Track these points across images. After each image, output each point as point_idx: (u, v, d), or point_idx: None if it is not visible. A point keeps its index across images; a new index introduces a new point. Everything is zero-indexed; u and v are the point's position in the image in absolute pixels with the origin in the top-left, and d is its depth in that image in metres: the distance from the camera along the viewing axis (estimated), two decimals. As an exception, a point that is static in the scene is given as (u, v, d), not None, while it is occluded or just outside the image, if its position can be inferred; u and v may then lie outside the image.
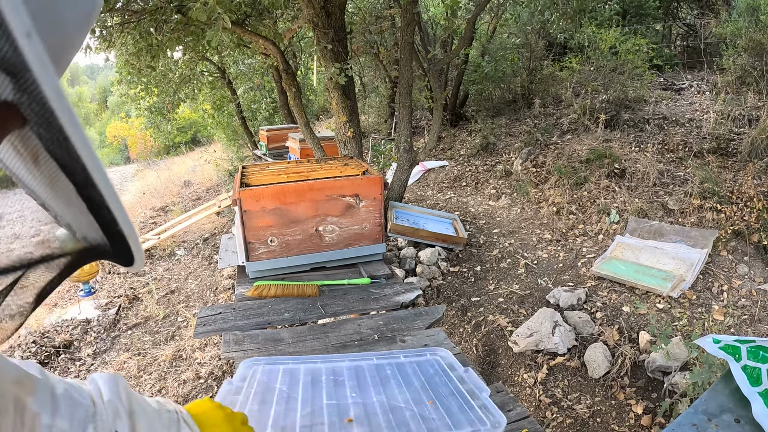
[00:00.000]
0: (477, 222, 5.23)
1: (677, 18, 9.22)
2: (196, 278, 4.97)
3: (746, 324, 3.03)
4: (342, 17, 4.51)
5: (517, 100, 8.17)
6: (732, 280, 3.42)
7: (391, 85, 9.23)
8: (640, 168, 4.86)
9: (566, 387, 2.79)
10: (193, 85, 8.68)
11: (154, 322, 4.10)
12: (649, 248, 3.80)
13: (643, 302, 3.31)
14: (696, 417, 1.16)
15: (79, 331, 4.16)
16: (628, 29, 7.37)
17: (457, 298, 3.82)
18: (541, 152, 6.00)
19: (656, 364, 2.68)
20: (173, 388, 3.15)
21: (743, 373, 1.18)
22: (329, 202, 2.43)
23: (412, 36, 4.33)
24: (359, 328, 2.03)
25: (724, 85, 6.03)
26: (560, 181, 5.18)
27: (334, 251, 2.53)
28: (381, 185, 2.49)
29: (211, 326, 2.10)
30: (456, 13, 5.62)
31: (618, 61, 6.11)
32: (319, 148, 5.23)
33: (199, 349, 3.54)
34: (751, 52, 5.69)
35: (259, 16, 4.82)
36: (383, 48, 7.92)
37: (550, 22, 7.30)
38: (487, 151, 7.08)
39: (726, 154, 4.82)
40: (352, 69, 4.48)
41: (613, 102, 6.24)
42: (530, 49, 7.84)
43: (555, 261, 4.12)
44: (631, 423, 2.50)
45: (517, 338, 3.12)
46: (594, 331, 3.13)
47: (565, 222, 4.65)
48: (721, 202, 3.99)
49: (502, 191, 5.88)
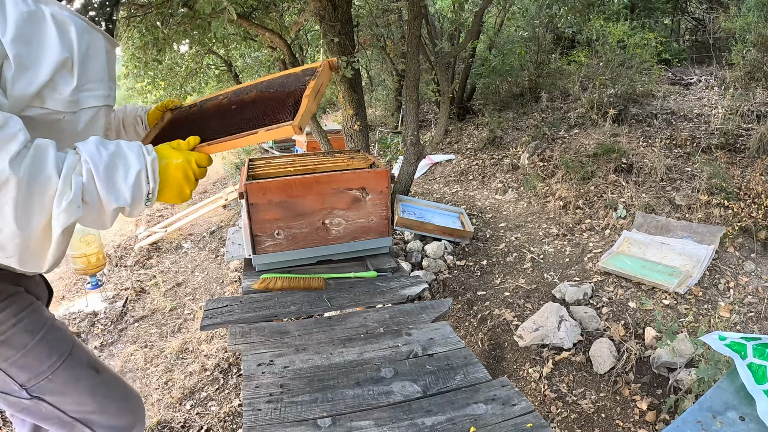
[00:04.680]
0: (483, 216, 5.23)
1: (686, 12, 9.14)
2: (202, 271, 4.99)
3: (752, 321, 3.02)
4: (349, 10, 4.50)
5: (525, 93, 8.13)
6: (739, 277, 3.40)
7: (398, 78, 9.20)
8: (647, 163, 4.83)
9: (571, 382, 2.79)
10: (200, 79, 8.67)
11: (160, 315, 4.13)
12: (656, 244, 3.79)
13: (650, 298, 3.30)
14: (701, 414, 1.16)
15: (86, 324, 4.19)
16: (637, 23, 7.31)
17: (463, 292, 3.83)
18: (549, 146, 5.97)
19: (662, 360, 2.67)
20: (180, 380, 3.17)
21: (749, 370, 1.18)
22: (336, 195, 2.44)
23: (419, 29, 4.31)
24: (365, 321, 2.04)
25: (733, 81, 5.98)
26: (567, 175, 5.17)
27: (341, 244, 2.53)
28: (388, 178, 2.49)
29: (217, 319, 2.11)
30: (463, 6, 5.59)
31: (626, 56, 6.07)
32: (325, 141, 5.23)
33: (205, 342, 3.56)
34: (761, 48, 5.64)
35: (265, 9, 4.81)
36: (390, 41, 7.89)
37: (558, 16, 7.26)
38: (494, 144, 7.06)
39: (734, 149, 4.79)
40: (359, 62, 4.47)
41: (621, 96, 6.20)
42: (538, 43, 7.80)
43: (561, 255, 4.12)
44: (636, 419, 2.50)
45: (523, 332, 3.13)
46: (600, 326, 3.13)
47: (572, 216, 4.64)
48: (728, 198, 3.97)
49: (508, 185, 5.86)
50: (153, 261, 5.37)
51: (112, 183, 1.04)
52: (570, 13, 7.41)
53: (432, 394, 1.59)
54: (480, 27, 6.80)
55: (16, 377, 1.21)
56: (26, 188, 0.91)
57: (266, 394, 1.59)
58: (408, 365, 1.73)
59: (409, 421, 1.45)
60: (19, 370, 1.21)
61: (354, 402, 1.55)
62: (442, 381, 1.65)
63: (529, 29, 8.08)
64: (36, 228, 0.95)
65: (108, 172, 1.03)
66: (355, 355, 1.80)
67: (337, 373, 1.70)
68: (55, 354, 1.26)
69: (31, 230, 0.95)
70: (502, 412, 1.48)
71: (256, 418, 1.48)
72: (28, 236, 0.95)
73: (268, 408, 1.52)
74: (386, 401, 1.55)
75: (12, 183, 0.89)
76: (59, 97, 1.07)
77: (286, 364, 1.75)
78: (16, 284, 1.24)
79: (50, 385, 1.26)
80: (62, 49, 1.05)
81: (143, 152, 1.11)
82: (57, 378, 1.27)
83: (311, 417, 1.48)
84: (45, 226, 0.97)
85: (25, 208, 0.92)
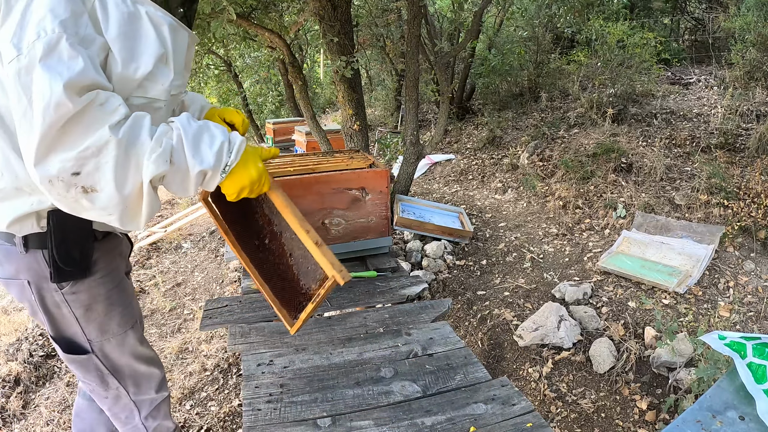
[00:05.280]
0: (483, 215, 5.23)
1: (685, 12, 9.14)
2: (202, 271, 4.99)
3: (752, 321, 3.02)
4: (348, 10, 4.49)
5: (524, 93, 8.13)
6: (738, 277, 3.40)
7: (398, 78, 9.20)
8: (647, 162, 4.83)
9: (571, 381, 2.80)
10: (200, 78, 8.67)
11: (160, 315, 4.12)
12: (656, 243, 3.79)
13: (649, 297, 3.30)
14: (700, 413, 1.16)
15: (86, 323, 4.19)
16: (636, 23, 7.31)
17: (463, 292, 3.83)
18: (548, 146, 5.98)
19: (661, 359, 2.67)
20: (179, 380, 3.17)
21: (748, 370, 1.18)
22: (335, 195, 2.44)
23: (418, 29, 4.31)
24: (365, 321, 2.04)
25: (733, 80, 5.98)
26: (567, 175, 5.17)
27: (341, 244, 2.54)
28: (387, 178, 2.49)
29: (217, 319, 2.12)
30: (463, 6, 5.59)
31: (625, 55, 6.07)
32: (325, 141, 5.23)
33: (205, 342, 3.56)
34: (760, 47, 5.63)
35: (264, 9, 4.81)
36: (390, 41, 7.89)
37: (557, 16, 7.26)
38: (494, 144, 7.06)
39: (734, 149, 4.79)
40: (359, 62, 4.47)
41: (620, 96, 6.21)
42: (537, 43, 7.80)
43: (561, 255, 4.12)
44: (636, 418, 2.50)
45: (523, 332, 3.13)
46: (599, 325, 3.13)
47: (572, 216, 4.64)
48: (728, 198, 3.97)
49: (508, 185, 5.86)
50: (152, 261, 5.37)
51: (198, 148, 1.19)
52: (569, 13, 7.41)
53: (432, 393, 1.59)
54: (479, 27, 6.79)
55: (88, 333, 1.49)
56: (124, 149, 1.08)
57: (266, 394, 1.59)
58: (408, 365, 1.74)
59: (409, 421, 1.45)
60: (93, 329, 1.49)
61: (354, 402, 1.55)
62: (442, 381, 1.65)
63: (529, 29, 8.08)
64: (132, 187, 1.12)
65: (195, 139, 1.19)
66: (355, 355, 1.80)
67: (336, 373, 1.70)
68: (125, 325, 1.55)
69: (127, 189, 1.12)
70: (502, 412, 1.48)
71: (256, 418, 1.48)
72: (126, 195, 1.12)
73: (268, 408, 1.52)
74: (386, 401, 1.55)
75: (112, 144, 1.06)
76: (160, 87, 1.25)
77: (285, 364, 1.75)
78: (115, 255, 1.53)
79: (107, 346, 1.54)
80: (159, 44, 1.22)
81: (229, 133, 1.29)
82: (114, 342, 1.54)
83: (311, 417, 1.48)
84: (139, 186, 1.13)
85: (123, 167, 1.09)
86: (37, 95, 1.02)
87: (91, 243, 1.40)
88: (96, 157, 1.06)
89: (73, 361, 1.54)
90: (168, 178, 1.18)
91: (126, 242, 1.68)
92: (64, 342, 1.50)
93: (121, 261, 1.60)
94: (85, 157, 1.05)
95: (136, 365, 1.63)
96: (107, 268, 1.48)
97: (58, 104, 1.01)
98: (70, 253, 1.35)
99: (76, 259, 1.37)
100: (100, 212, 1.15)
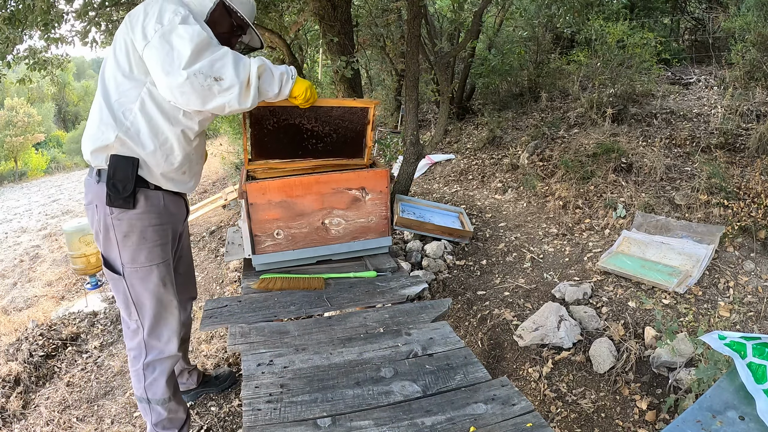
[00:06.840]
0: (483, 215, 5.23)
1: (685, 12, 9.14)
2: (202, 271, 4.99)
3: (752, 321, 3.02)
4: (348, 10, 4.50)
5: (524, 93, 8.13)
6: (738, 277, 3.40)
7: (398, 78, 9.20)
8: (647, 162, 4.83)
9: (571, 381, 2.79)
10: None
11: (160, 314, 4.12)
12: (656, 243, 3.79)
13: (649, 297, 3.30)
14: (700, 413, 1.16)
15: (86, 324, 4.19)
16: (636, 23, 7.31)
17: (463, 292, 3.83)
18: (548, 146, 5.97)
19: (661, 359, 2.67)
20: (180, 379, 3.17)
21: (748, 370, 1.18)
22: (335, 195, 2.44)
23: (418, 29, 4.31)
24: (365, 321, 2.04)
25: (733, 80, 5.98)
26: (567, 175, 5.16)
27: (340, 244, 2.54)
28: (387, 178, 2.49)
29: (217, 318, 2.12)
30: (463, 6, 5.59)
31: (625, 55, 6.07)
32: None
33: (205, 342, 3.56)
34: (760, 47, 5.63)
35: (264, 9, 4.81)
36: (390, 41, 7.89)
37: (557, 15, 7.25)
38: (494, 144, 7.06)
39: (734, 149, 4.79)
40: (359, 62, 4.47)
41: (620, 96, 6.20)
42: (537, 43, 7.80)
43: (561, 255, 4.12)
44: (636, 418, 2.50)
45: (523, 332, 3.13)
46: (599, 325, 3.13)
47: (572, 216, 4.64)
48: (728, 198, 3.97)
49: (508, 185, 5.86)
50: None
51: (275, 65, 1.98)
52: (569, 13, 7.40)
53: (432, 393, 1.59)
54: (479, 27, 6.80)
55: (123, 258, 1.96)
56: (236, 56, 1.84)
57: (266, 394, 1.59)
58: (408, 365, 1.74)
59: (409, 421, 1.45)
60: (126, 254, 1.96)
61: (354, 402, 1.55)
62: (442, 381, 1.65)
63: (529, 29, 8.08)
64: (244, 75, 1.83)
65: (272, 67, 1.96)
66: (355, 355, 1.80)
67: (336, 373, 1.70)
68: (153, 260, 2.00)
69: (241, 77, 1.82)
70: (502, 412, 1.48)
71: (256, 418, 1.48)
72: (241, 80, 1.82)
73: (268, 408, 1.52)
74: (386, 401, 1.55)
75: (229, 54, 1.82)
76: None
77: (285, 364, 1.75)
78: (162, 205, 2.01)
79: (134, 276, 1.98)
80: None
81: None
82: (140, 273, 1.99)
83: (311, 417, 1.48)
84: (248, 76, 1.84)
85: (236, 65, 1.82)
86: (183, 36, 1.74)
87: (132, 183, 1.88)
88: (222, 59, 1.79)
89: (111, 278, 2.02)
90: (263, 76, 1.91)
91: (182, 204, 2.19)
92: (107, 260, 2.00)
93: (167, 215, 2.04)
94: (216, 59, 1.78)
95: (157, 306, 2.03)
96: (150, 209, 1.95)
97: (199, 33, 1.76)
98: (116, 186, 1.87)
99: (119, 191, 1.87)
100: (224, 93, 1.80)
